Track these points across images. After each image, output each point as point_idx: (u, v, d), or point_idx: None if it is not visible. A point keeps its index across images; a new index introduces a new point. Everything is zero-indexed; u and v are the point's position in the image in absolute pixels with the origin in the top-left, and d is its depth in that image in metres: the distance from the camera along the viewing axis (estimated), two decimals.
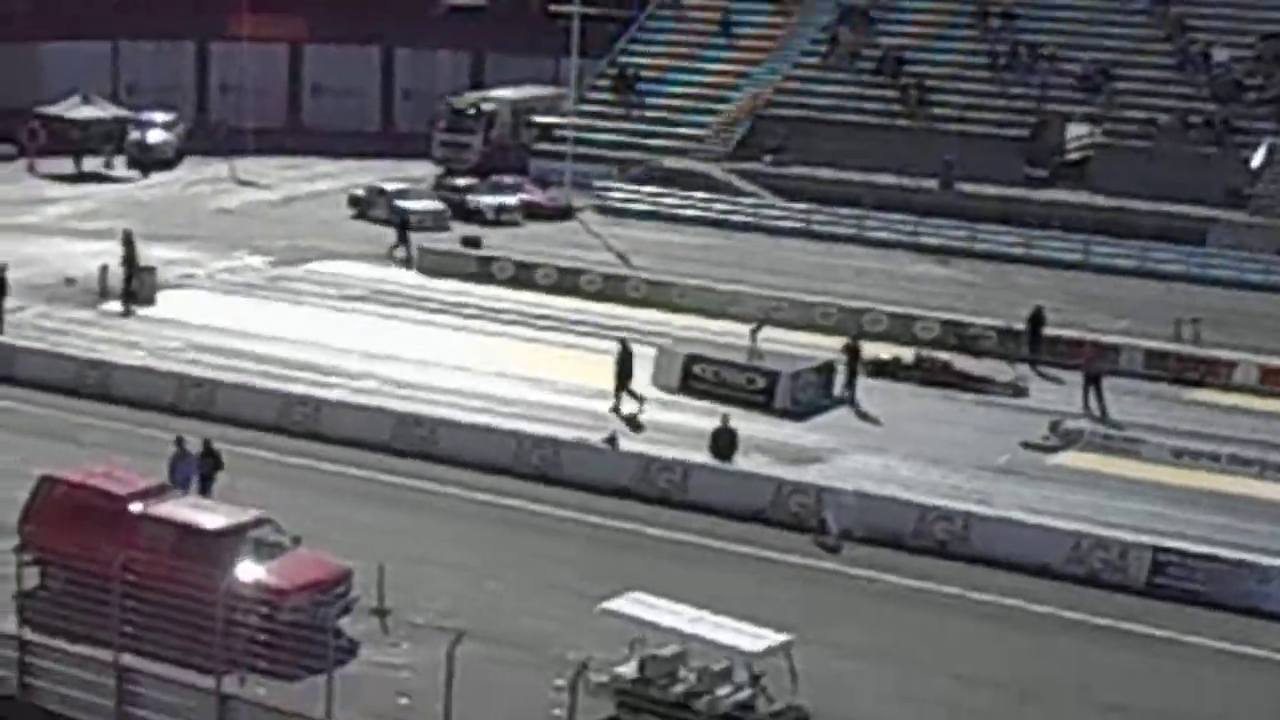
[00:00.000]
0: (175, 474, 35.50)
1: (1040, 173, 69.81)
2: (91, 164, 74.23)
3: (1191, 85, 71.75)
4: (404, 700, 27.30)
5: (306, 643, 26.97)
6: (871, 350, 49.28)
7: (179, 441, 36.40)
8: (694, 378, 46.76)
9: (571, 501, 38.20)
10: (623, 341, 45.28)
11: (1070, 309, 55.28)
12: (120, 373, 45.18)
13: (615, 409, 44.14)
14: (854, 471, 40.62)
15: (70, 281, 55.02)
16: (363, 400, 43.87)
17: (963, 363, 49.60)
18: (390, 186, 68.61)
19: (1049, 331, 51.15)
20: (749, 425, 42.34)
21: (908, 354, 49.64)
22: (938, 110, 73.08)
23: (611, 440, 40.59)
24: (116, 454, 37.05)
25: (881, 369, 48.84)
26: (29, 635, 28.33)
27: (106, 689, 27.31)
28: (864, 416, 45.69)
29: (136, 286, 53.52)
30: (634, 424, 43.48)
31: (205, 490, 35.50)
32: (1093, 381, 46.64)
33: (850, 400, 46.42)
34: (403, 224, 61.79)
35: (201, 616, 26.64)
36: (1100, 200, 67.45)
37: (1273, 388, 49.02)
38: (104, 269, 53.71)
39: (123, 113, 77.57)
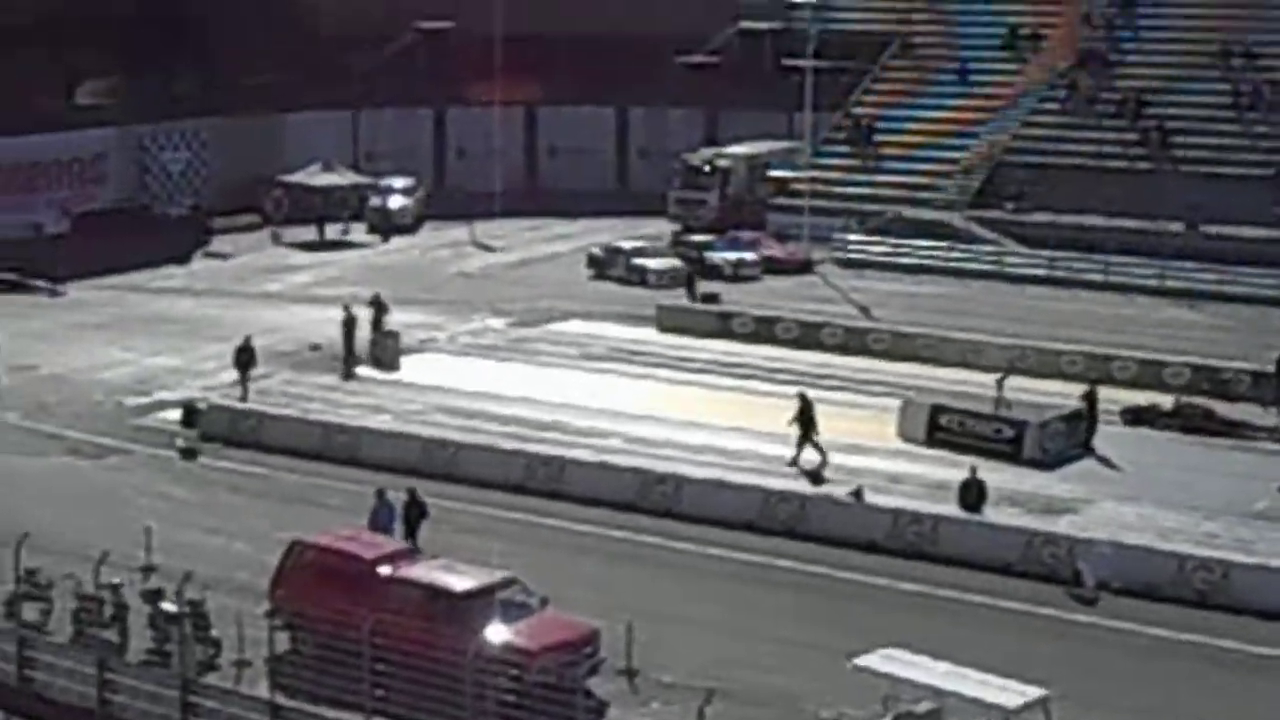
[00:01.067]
0: (377, 523, 36.16)
1: None
2: (333, 231, 75.46)
3: None
4: None
5: (556, 704, 26.88)
6: (1125, 398, 48.67)
7: (379, 493, 37.05)
8: (940, 429, 46.13)
9: (819, 556, 37.80)
10: (802, 394, 44.86)
11: None
12: (366, 436, 45.68)
13: (794, 462, 43.75)
14: (1107, 521, 39.80)
15: (315, 348, 55.85)
16: (606, 459, 43.79)
17: (1223, 409, 48.29)
18: (628, 245, 68.88)
19: None
20: (997, 476, 41.68)
21: (1166, 401, 48.51)
22: (1180, 152, 71.63)
23: (857, 494, 40.14)
24: (364, 518, 37.30)
25: (1139, 417, 47.84)
26: (282, 700, 28.57)
27: None
28: (1115, 465, 44.67)
29: (379, 351, 54.21)
30: (816, 478, 42.98)
31: (411, 538, 36.02)
32: None
33: (1090, 448, 45.48)
34: (689, 278, 63.03)
35: (451, 679, 26.70)
36: None
37: None
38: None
39: (361, 179, 78.80)
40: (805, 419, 44.11)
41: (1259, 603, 34.71)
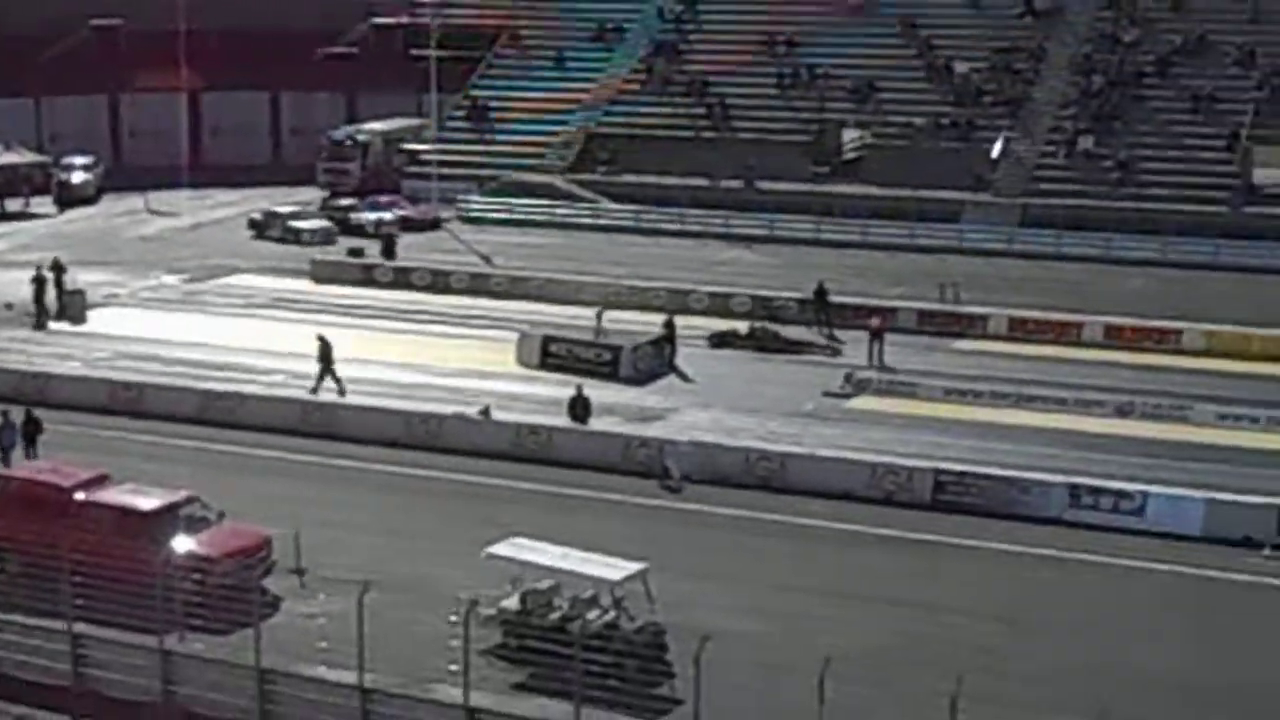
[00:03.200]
0: (2, 441, 36.04)
1: (823, 170, 69.95)
2: (15, 204, 71.90)
3: (939, 93, 72.43)
4: (323, 644, 26.66)
5: (235, 601, 26.38)
6: (702, 325, 49.59)
7: (3, 414, 36.65)
8: (551, 355, 46.38)
9: (455, 465, 37.67)
10: (320, 336, 44.18)
11: (854, 280, 55.56)
12: (57, 381, 43.77)
13: (314, 391, 42.85)
14: (688, 425, 40.57)
15: (8, 306, 53.30)
16: (272, 392, 42.94)
17: (788, 331, 49.52)
18: (283, 209, 67.47)
19: (840, 299, 51.26)
20: (599, 392, 42.05)
21: (743, 326, 49.51)
22: (737, 124, 73.11)
23: (485, 412, 40.10)
24: (59, 451, 35.85)
25: (723, 340, 48.79)
26: None
27: (63, 654, 26.56)
28: (693, 380, 45.53)
29: (67, 307, 52.06)
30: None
31: (30, 449, 36.18)
32: (876, 338, 47.01)
33: (673, 366, 46.25)
34: (388, 243, 61.17)
35: (143, 585, 25.93)
36: (873, 190, 67.70)
37: (1020, 335, 49.90)
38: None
39: (44, 158, 75.56)
40: (325, 356, 43.43)
41: (809, 484, 35.86)
